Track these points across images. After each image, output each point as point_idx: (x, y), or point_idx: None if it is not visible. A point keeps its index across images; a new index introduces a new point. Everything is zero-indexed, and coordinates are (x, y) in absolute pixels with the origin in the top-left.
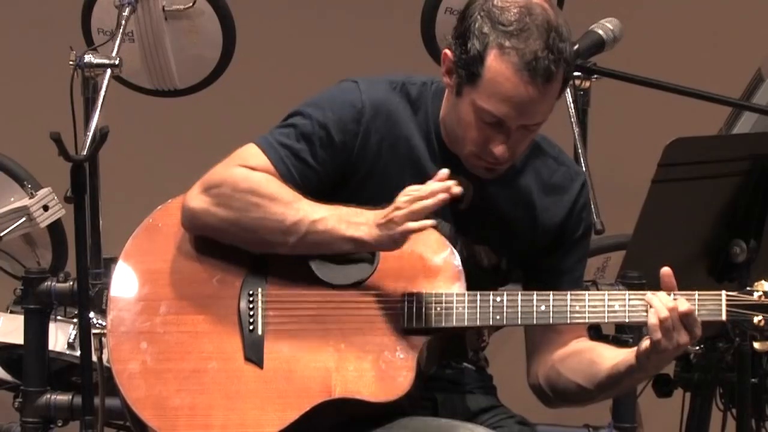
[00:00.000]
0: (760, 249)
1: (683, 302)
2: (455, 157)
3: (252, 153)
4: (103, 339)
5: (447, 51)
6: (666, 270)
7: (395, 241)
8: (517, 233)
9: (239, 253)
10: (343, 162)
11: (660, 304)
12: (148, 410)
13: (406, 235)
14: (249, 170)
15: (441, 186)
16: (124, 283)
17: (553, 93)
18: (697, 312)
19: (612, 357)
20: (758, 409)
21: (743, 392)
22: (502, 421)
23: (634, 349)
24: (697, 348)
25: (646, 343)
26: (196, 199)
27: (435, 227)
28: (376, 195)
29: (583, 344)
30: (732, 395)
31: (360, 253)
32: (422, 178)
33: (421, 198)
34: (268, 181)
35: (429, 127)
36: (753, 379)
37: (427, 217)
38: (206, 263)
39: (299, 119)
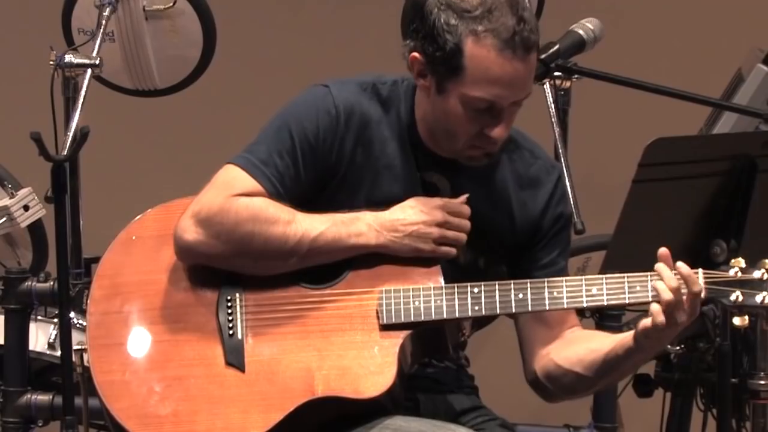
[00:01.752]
0: (740, 249)
1: (694, 282)
2: (430, 154)
3: (237, 177)
4: (84, 353)
5: (415, 54)
6: (663, 251)
7: (419, 252)
8: (494, 229)
9: None
10: (323, 168)
11: (664, 286)
12: (133, 420)
13: (435, 255)
14: (247, 198)
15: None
16: (103, 296)
17: (534, 62)
18: None
19: (609, 342)
20: (739, 409)
21: (724, 392)
22: (484, 423)
23: (631, 332)
24: (678, 348)
25: (645, 322)
26: (193, 231)
27: None
28: (351, 197)
29: (578, 333)
30: (712, 395)
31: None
32: (396, 178)
33: (455, 225)
34: (267, 205)
35: (401, 125)
36: (733, 379)
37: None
38: (183, 273)
39: (276, 133)
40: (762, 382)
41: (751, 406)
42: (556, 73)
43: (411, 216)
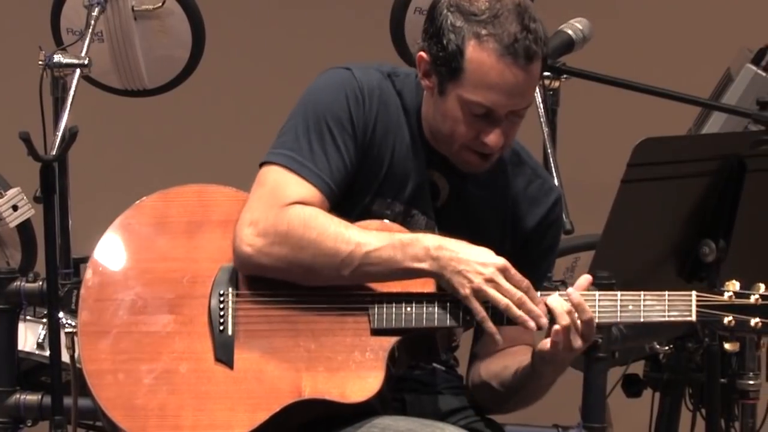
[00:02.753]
0: (729, 249)
1: (585, 311)
2: (435, 153)
3: (289, 181)
4: (75, 338)
5: (422, 53)
6: (585, 278)
7: (455, 292)
8: (486, 234)
9: (210, 252)
10: (362, 153)
11: (561, 311)
12: (119, 410)
13: (468, 305)
14: (301, 206)
15: (536, 313)
16: (95, 282)
17: (536, 73)
18: (667, 313)
19: (518, 362)
20: (727, 409)
21: (712, 392)
22: (472, 423)
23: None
24: (667, 348)
25: (542, 344)
26: (251, 240)
27: (409, 220)
28: (369, 183)
29: (509, 350)
30: (701, 395)
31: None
32: (407, 170)
33: (504, 289)
34: (317, 214)
35: (413, 119)
36: (722, 379)
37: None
38: (178, 263)
39: (313, 125)
40: (751, 382)
41: (740, 406)
42: (545, 73)
43: (471, 256)
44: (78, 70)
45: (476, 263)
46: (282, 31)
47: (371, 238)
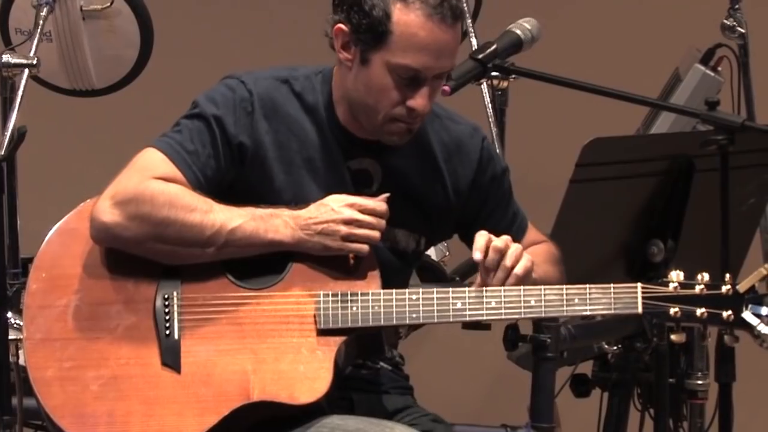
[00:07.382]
0: (677, 249)
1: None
2: (355, 139)
3: (158, 160)
4: (20, 344)
5: (340, 25)
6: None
7: (327, 249)
8: (432, 203)
9: None
10: (241, 158)
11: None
12: (67, 418)
13: (344, 252)
14: (164, 182)
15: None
16: (39, 290)
17: (459, 32)
18: (613, 305)
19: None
20: (676, 409)
21: (661, 392)
22: (417, 419)
23: None
24: (615, 348)
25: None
26: (109, 213)
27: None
28: (274, 193)
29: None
30: (650, 395)
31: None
32: (319, 172)
33: (366, 223)
34: (184, 192)
35: (320, 116)
36: (671, 379)
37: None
38: (121, 267)
39: (196, 122)
40: (699, 382)
41: (689, 406)
42: (494, 73)
43: (322, 214)
44: (26, 70)
45: (330, 212)
46: (232, 30)
47: (234, 215)
